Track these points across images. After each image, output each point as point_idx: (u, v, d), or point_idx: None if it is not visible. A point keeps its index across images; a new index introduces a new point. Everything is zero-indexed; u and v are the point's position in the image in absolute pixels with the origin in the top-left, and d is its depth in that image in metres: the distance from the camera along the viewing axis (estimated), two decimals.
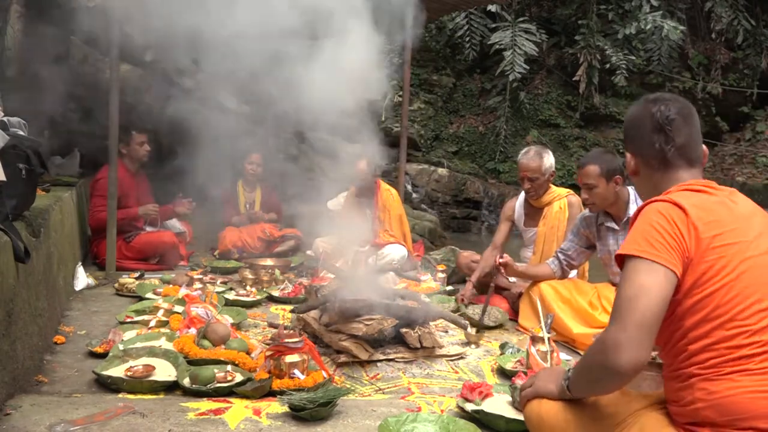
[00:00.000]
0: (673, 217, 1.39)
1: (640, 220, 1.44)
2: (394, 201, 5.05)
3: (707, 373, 1.32)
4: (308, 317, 3.19)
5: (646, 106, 1.60)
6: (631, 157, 1.64)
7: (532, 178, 3.91)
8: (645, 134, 1.58)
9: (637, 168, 1.63)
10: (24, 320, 2.39)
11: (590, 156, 3.36)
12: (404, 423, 2.13)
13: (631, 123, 1.65)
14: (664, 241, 1.36)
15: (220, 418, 2.15)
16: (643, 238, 1.38)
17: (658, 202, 1.44)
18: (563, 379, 1.55)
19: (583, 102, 11.88)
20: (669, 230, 1.37)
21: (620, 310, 1.34)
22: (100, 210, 4.58)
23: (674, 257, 1.35)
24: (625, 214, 3.29)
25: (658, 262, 1.34)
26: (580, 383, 1.50)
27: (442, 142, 11.97)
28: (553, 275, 3.54)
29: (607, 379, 1.38)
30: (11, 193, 2.47)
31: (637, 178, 1.66)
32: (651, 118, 1.58)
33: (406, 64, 5.83)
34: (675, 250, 1.36)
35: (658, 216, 1.40)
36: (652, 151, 1.58)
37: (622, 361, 1.30)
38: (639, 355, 1.30)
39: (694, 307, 1.35)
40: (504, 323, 3.64)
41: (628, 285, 1.36)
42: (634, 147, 1.63)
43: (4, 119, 2.68)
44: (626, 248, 1.40)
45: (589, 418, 1.49)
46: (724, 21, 11.78)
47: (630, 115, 1.66)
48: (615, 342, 1.32)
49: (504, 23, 11.25)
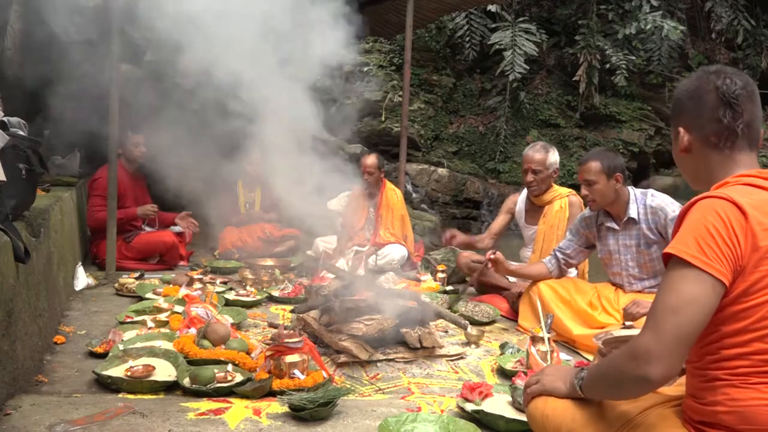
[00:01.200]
0: (731, 220, 1.28)
1: (693, 217, 1.32)
2: (398, 201, 5.06)
3: (734, 379, 1.28)
4: (308, 317, 3.19)
5: (707, 78, 1.46)
6: (684, 132, 1.49)
7: (536, 171, 3.93)
8: (707, 107, 1.44)
9: (691, 145, 1.48)
10: (24, 320, 2.39)
11: (592, 153, 3.38)
12: (404, 423, 2.13)
13: (690, 94, 1.49)
14: (717, 247, 1.26)
15: (220, 418, 2.15)
16: (695, 241, 1.28)
17: (716, 199, 1.32)
18: (576, 378, 1.51)
19: (583, 102, 11.88)
20: (725, 235, 1.27)
21: (659, 319, 1.27)
22: (98, 210, 4.58)
23: (726, 266, 1.26)
24: (625, 213, 3.29)
25: (709, 272, 1.25)
26: (597, 387, 1.46)
27: (442, 142, 11.96)
28: (549, 274, 3.53)
29: (632, 388, 1.33)
30: (11, 193, 2.47)
31: (686, 157, 1.51)
32: (716, 90, 1.44)
33: (406, 64, 5.83)
34: (728, 258, 1.27)
35: (714, 217, 1.29)
36: (716, 127, 1.44)
37: (654, 373, 1.26)
38: (672, 368, 1.26)
39: (738, 315, 1.28)
40: (496, 319, 3.68)
41: (673, 293, 1.28)
42: (691, 121, 1.48)
43: (4, 119, 2.68)
44: (676, 248, 1.30)
45: (597, 417, 1.47)
46: (724, 21, 11.78)
47: (686, 87, 1.51)
48: (648, 351, 1.26)
49: (504, 23, 11.25)
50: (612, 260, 3.40)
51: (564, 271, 3.57)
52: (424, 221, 8.04)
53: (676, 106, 1.54)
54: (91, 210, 4.65)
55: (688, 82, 1.53)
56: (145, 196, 5.02)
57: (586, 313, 3.33)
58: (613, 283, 3.47)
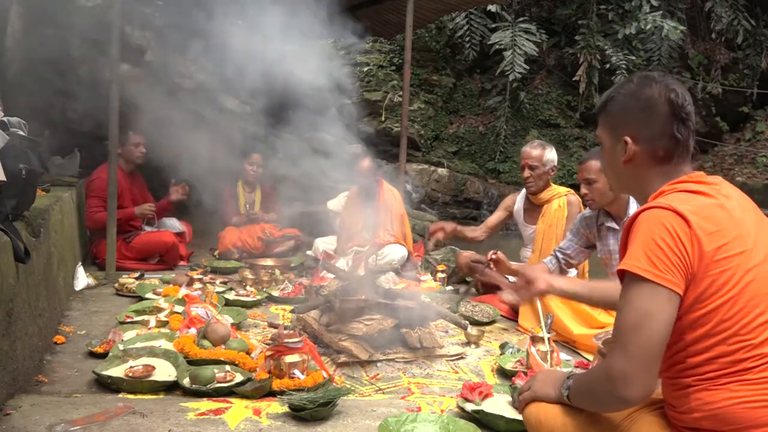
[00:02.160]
0: (676, 230, 1.29)
1: (641, 231, 1.33)
2: (396, 201, 5.06)
3: (705, 383, 1.30)
4: (308, 317, 3.19)
5: (658, 88, 1.44)
6: (631, 142, 1.45)
7: (533, 166, 3.96)
8: (660, 121, 1.43)
9: (634, 156, 1.46)
10: (24, 320, 2.39)
11: (592, 152, 3.38)
12: (404, 423, 2.13)
13: (640, 104, 1.45)
14: (667, 259, 1.28)
15: (220, 418, 2.15)
16: (644, 255, 1.29)
17: (659, 209, 1.33)
18: (563, 387, 1.53)
19: (583, 102, 11.88)
20: (672, 246, 1.28)
21: (624, 338, 1.29)
22: (96, 211, 4.59)
23: (678, 276, 1.28)
24: (625, 213, 3.29)
25: (662, 284, 1.27)
26: (581, 400, 1.47)
27: (442, 142, 11.97)
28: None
29: (613, 406, 1.37)
30: (11, 193, 2.47)
31: (627, 167, 1.49)
32: (669, 104, 1.42)
33: (406, 64, 5.83)
34: (678, 268, 1.28)
35: (660, 229, 1.30)
36: (667, 142, 1.43)
37: (631, 393, 1.27)
38: (648, 385, 1.28)
39: (697, 322, 1.30)
40: (496, 319, 3.67)
41: (630, 310, 1.29)
42: (640, 132, 1.45)
43: (4, 119, 2.68)
44: (628, 264, 1.31)
45: (587, 421, 1.48)
46: (724, 21, 11.78)
47: (634, 95, 1.47)
48: (622, 374, 1.27)
49: (504, 23, 11.25)
50: (612, 260, 3.40)
51: (565, 271, 3.57)
52: (424, 221, 8.04)
53: (620, 111, 1.49)
54: (89, 211, 4.65)
55: (634, 87, 1.48)
56: (143, 195, 5.02)
57: (586, 313, 3.33)
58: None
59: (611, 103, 1.52)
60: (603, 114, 1.54)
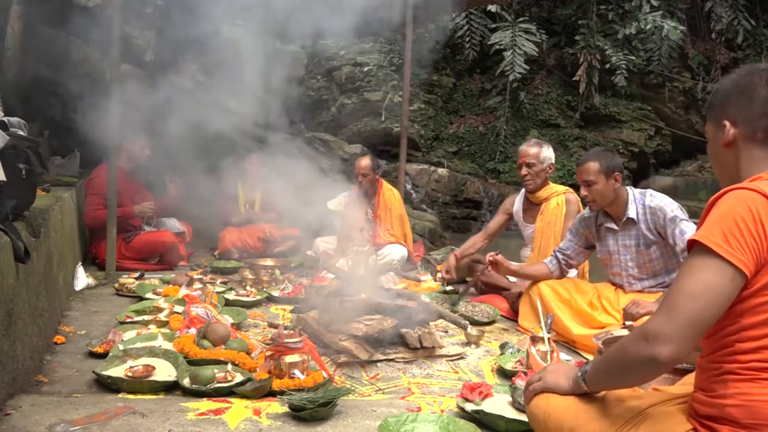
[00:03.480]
0: (759, 213, 1.28)
1: (722, 206, 1.31)
2: (396, 201, 5.06)
3: (746, 373, 1.29)
4: (308, 317, 3.19)
5: (759, 74, 1.46)
6: (730, 125, 1.46)
7: (530, 164, 3.98)
8: (759, 103, 1.43)
9: (735, 139, 1.46)
10: (24, 320, 2.39)
11: (590, 153, 3.38)
12: (404, 423, 2.13)
13: (739, 89, 1.47)
14: (742, 238, 1.26)
15: (220, 418, 2.15)
16: (720, 230, 1.28)
17: (747, 190, 1.31)
18: (580, 370, 1.52)
19: (583, 102, 11.88)
20: (751, 226, 1.27)
21: (675, 303, 1.27)
22: (96, 209, 4.59)
23: (749, 257, 1.26)
24: (624, 213, 3.29)
25: (731, 261, 1.25)
26: (603, 375, 1.46)
27: (442, 142, 11.97)
28: (550, 275, 3.54)
29: (639, 369, 1.34)
30: (11, 193, 2.47)
31: (727, 151, 1.49)
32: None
33: (406, 64, 5.83)
34: (752, 249, 1.26)
35: (743, 208, 1.28)
36: (765, 122, 1.43)
37: (663, 353, 1.26)
38: (681, 351, 1.26)
39: (758, 308, 1.28)
40: (495, 319, 3.68)
41: (692, 279, 1.28)
42: (740, 115, 1.46)
43: (4, 119, 2.68)
44: (701, 235, 1.30)
45: (600, 414, 1.46)
46: (724, 21, 11.78)
47: (734, 81, 1.49)
48: (659, 332, 1.27)
49: (504, 23, 11.25)
50: (612, 260, 3.40)
51: (565, 272, 3.57)
52: (424, 221, 8.04)
53: (722, 98, 1.51)
54: (89, 209, 4.66)
55: (735, 76, 1.51)
56: (142, 195, 5.02)
57: (586, 313, 3.34)
58: (613, 283, 3.47)
59: (714, 95, 1.55)
60: (708, 108, 1.56)
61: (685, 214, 3.15)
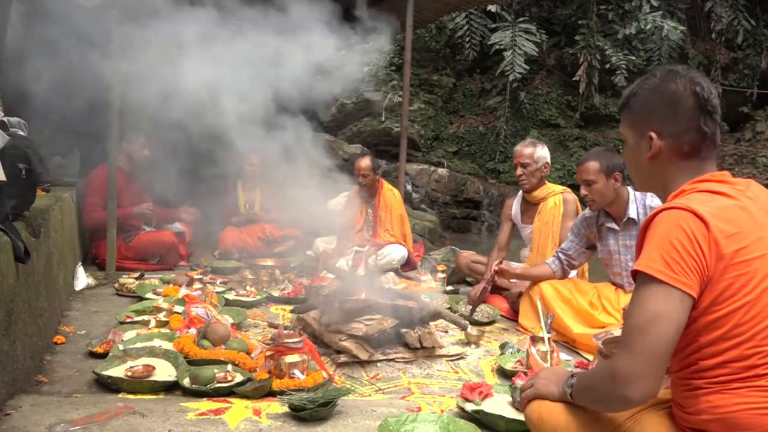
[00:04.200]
0: (693, 232, 1.26)
1: (658, 231, 1.30)
2: (396, 201, 5.06)
3: (715, 387, 1.29)
4: (308, 317, 3.19)
5: (682, 82, 1.41)
6: (657, 137, 1.42)
7: (524, 164, 3.99)
8: (686, 115, 1.39)
9: (660, 151, 1.43)
10: (24, 320, 2.39)
11: (590, 153, 3.39)
12: (404, 423, 2.13)
13: (665, 98, 1.42)
14: (682, 260, 1.26)
15: (220, 418, 2.14)
16: (660, 256, 1.27)
17: (677, 210, 1.30)
18: (566, 384, 1.52)
19: (583, 102, 11.89)
20: (689, 247, 1.26)
21: (631, 339, 1.27)
22: (95, 210, 4.59)
23: (692, 279, 1.26)
24: (625, 213, 3.29)
25: (675, 286, 1.25)
26: (584, 399, 1.47)
27: (442, 142, 11.97)
28: (553, 275, 3.54)
29: (615, 406, 1.36)
30: (11, 193, 2.47)
31: (652, 164, 1.46)
32: (695, 97, 1.39)
33: (406, 64, 5.83)
34: (694, 270, 1.26)
35: (678, 230, 1.28)
36: (694, 137, 1.39)
37: (634, 394, 1.26)
38: (652, 387, 1.26)
39: (712, 324, 1.28)
40: (496, 319, 3.68)
41: (641, 311, 1.28)
42: (666, 127, 1.41)
43: (4, 119, 2.68)
44: (642, 265, 1.29)
45: (591, 420, 1.48)
46: (724, 21, 11.78)
47: (658, 89, 1.44)
48: (626, 375, 1.26)
49: (504, 23, 11.26)
50: (612, 260, 3.40)
51: (567, 272, 3.58)
52: (424, 221, 8.04)
53: (644, 106, 1.46)
54: (88, 210, 4.65)
55: (656, 82, 1.45)
56: (141, 196, 5.02)
57: (587, 312, 3.34)
58: (613, 283, 3.47)
59: (634, 99, 1.49)
60: (626, 111, 1.52)
61: None
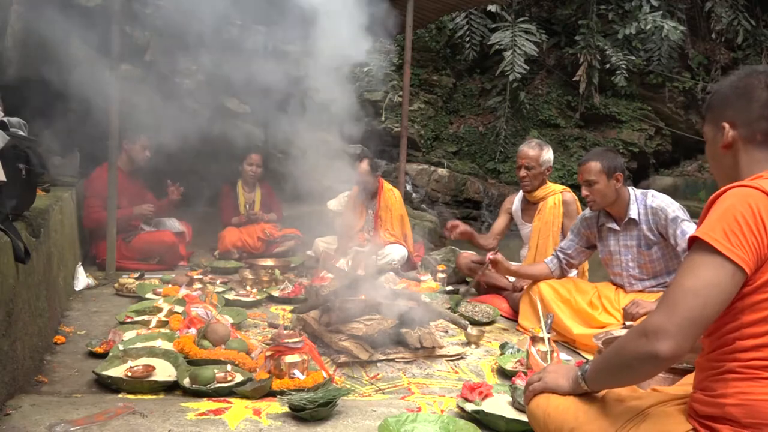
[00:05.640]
0: (760, 210, 1.28)
1: (723, 204, 1.32)
2: (396, 201, 5.06)
3: (746, 372, 1.28)
4: (308, 317, 3.19)
5: (757, 76, 1.46)
6: (729, 127, 1.47)
7: (529, 167, 3.98)
8: (758, 105, 1.44)
9: (734, 141, 1.46)
10: (24, 320, 2.39)
11: (592, 153, 3.38)
12: (404, 423, 2.12)
13: (738, 91, 1.47)
14: (743, 235, 1.26)
15: (220, 419, 2.14)
16: (721, 227, 1.28)
17: (748, 188, 1.32)
18: (580, 371, 1.52)
19: (583, 102, 11.89)
20: (752, 223, 1.27)
21: (674, 299, 1.28)
22: (95, 210, 4.59)
23: (749, 254, 1.26)
24: (626, 214, 3.29)
25: (731, 258, 1.25)
26: (603, 373, 1.46)
27: (442, 142, 11.97)
28: (550, 274, 3.54)
29: (640, 366, 1.34)
30: (11, 193, 2.47)
31: (727, 153, 1.49)
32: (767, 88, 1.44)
33: (406, 64, 5.83)
34: (752, 247, 1.26)
35: (743, 205, 1.29)
36: (766, 125, 1.43)
37: (663, 349, 1.26)
38: (681, 347, 1.26)
39: (758, 305, 1.28)
40: (495, 319, 3.68)
41: (692, 276, 1.28)
42: (739, 117, 1.46)
43: (4, 119, 2.68)
44: (702, 232, 1.30)
45: (600, 414, 1.46)
46: (724, 21, 11.79)
47: (732, 83, 1.50)
48: (659, 328, 1.27)
49: (504, 23, 11.26)
50: (612, 260, 3.40)
51: (566, 271, 3.57)
52: (424, 221, 8.03)
53: (720, 101, 1.51)
54: (88, 211, 4.66)
55: (733, 78, 1.51)
56: (141, 196, 5.02)
57: (587, 312, 3.33)
58: (613, 283, 3.47)
59: (713, 96, 1.55)
60: (707, 109, 1.57)
61: (687, 215, 3.15)
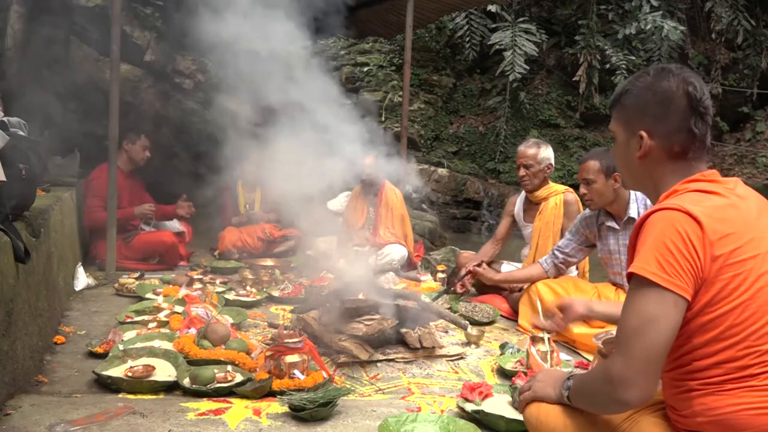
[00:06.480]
0: (688, 234, 1.25)
1: (652, 232, 1.29)
2: (397, 200, 5.06)
3: (709, 388, 1.28)
4: (308, 317, 3.19)
5: (675, 81, 1.39)
6: (647, 137, 1.41)
7: (527, 165, 3.98)
8: (678, 115, 1.38)
9: (649, 151, 1.41)
10: (24, 320, 2.39)
11: (592, 152, 3.40)
12: (404, 423, 2.13)
13: (657, 97, 1.40)
14: (676, 262, 1.24)
15: (220, 419, 2.15)
16: (654, 258, 1.26)
17: (671, 210, 1.29)
18: (563, 387, 1.52)
19: (583, 102, 11.88)
20: (683, 249, 1.25)
21: (627, 342, 1.27)
22: (95, 210, 4.59)
23: (687, 281, 1.25)
24: (625, 213, 3.29)
25: (670, 289, 1.24)
26: (581, 401, 1.46)
27: (442, 142, 11.97)
28: (545, 274, 3.53)
29: (611, 409, 1.37)
30: (11, 193, 2.47)
31: (642, 163, 1.44)
32: (687, 97, 1.38)
33: (406, 64, 5.83)
34: (688, 273, 1.25)
35: (671, 231, 1.26)
36: (685, 137, 1.38)
37: (630, 397, 1.26)
38: (647, 390, 1.26)
39: (706, 325, 1.27)
40: (495, 319, 3.68)
41: (635, 314, 1.27)
42: (657, 127, 1.40)
43: (4, 119, 2.68)
44: (638, 266, 1.28)
45: (588, 422, 1.48)
46: (724, 21, 11.78)
47: (650, 87, 1.41)
48: (621, 378, 1.26)
49: (504, 23, 11.26)
50: (612, 260, 3.40)
51: (562, 271, 3.57)
52: (424, 221, 8.03)
53: (636, 104, 1.44)
54: (88, 211, 4.66)
55: (649, 79, 1.43)
56: (140, 196, 5.02)
57: None
58: (613, 282, 3.47)
59: (626, 96, 1.47)
60: (617, 107, 1.50)
61: None
